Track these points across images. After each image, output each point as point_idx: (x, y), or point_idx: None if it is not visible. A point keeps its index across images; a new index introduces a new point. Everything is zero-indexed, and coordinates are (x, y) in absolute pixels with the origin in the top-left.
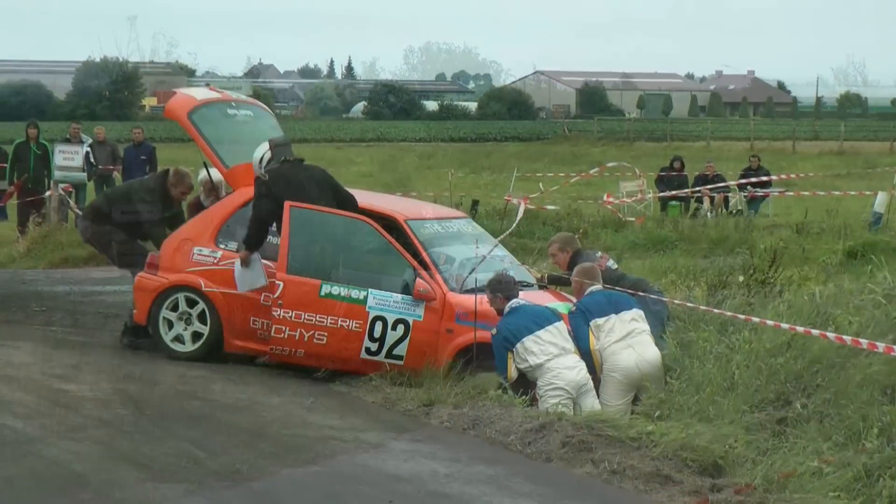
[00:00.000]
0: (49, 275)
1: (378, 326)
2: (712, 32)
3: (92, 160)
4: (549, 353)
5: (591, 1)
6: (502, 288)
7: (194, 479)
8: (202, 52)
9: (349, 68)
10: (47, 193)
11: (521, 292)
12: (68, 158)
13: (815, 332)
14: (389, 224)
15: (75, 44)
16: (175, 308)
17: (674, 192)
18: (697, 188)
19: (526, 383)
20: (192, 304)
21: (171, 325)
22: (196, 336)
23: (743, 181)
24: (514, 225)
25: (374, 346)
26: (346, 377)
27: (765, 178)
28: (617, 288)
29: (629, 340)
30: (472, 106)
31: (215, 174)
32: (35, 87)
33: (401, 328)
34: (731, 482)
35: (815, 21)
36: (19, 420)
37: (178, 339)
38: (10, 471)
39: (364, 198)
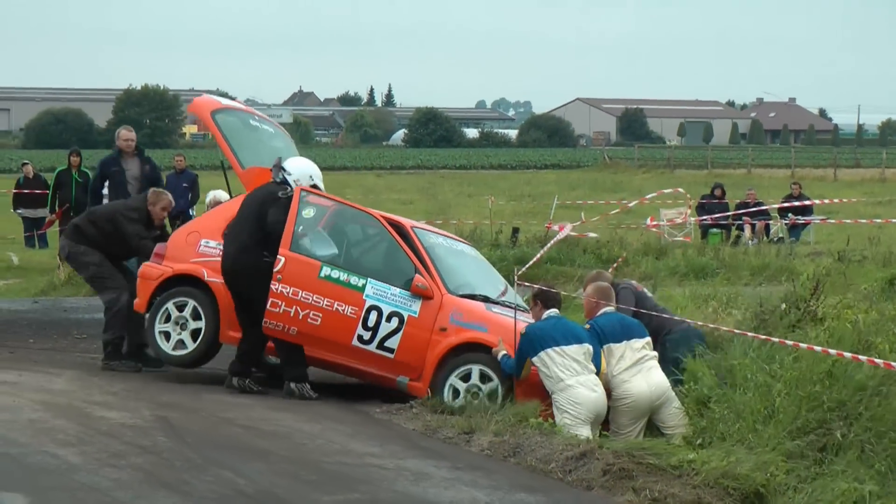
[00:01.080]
0: (89, 302)
1: (373, 315)
2: (753, 60)
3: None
4: (572, 370)
5: (632, 29)
6: (545, 297)
7: None
8: (244, 80)
9: (389, 96)
10: None
11: (507, 312)
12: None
13: (862, 357)
14: (397, 230)
15: (116, 71)
16: (168, 319)
17: (715, 219)
18: (739, 215)
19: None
20: (181, 308)
21: (168, 336)
22: (196, 334)
23: (784, 206)
24: (548, 247)
25: (366, 335)
26: (387, 405)
27: (807, 202)
28: (635, 309)
29: (639, 367)
30: (513, 133)
31: (224, 195)
32: (76, 115)
33: (395, 321)
34: None
35: (854, 48)
36: (61, 447)
37: (181, 344)
38: (51, 498)
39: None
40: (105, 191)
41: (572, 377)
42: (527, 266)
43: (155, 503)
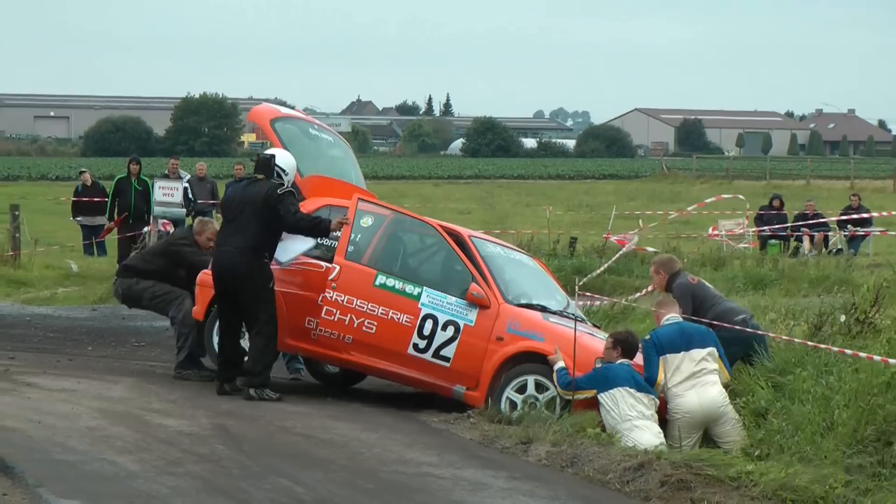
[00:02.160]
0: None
1: (428, 324)
2: (813, 71)
3: (191, 196)
4: (640, 412)
5: (691, 39)
6: (626, 345)
7: None
8: (303, 89)
9: (447, 105)
10: (146, 229)
11: (565, 322)
12: (168, 194)
13: None
14: (455, 239)
15: (174, 80)
16: None
17: (774, 230)
18: (798, 226)
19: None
20: None
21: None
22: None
23: (843, 219)
24: (613, 259)
25: (422, 344)
26: (444, 414)
27: (866, 215)
28: (697, 320)
29: (694, 381)
30: (571, 143)
31: None
32: (135, 123)
33: (451, 329)
34: None
35: None
36: (119, 455)
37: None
38: None
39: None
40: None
41: (639, 419)
42: (588, 277)
43: None
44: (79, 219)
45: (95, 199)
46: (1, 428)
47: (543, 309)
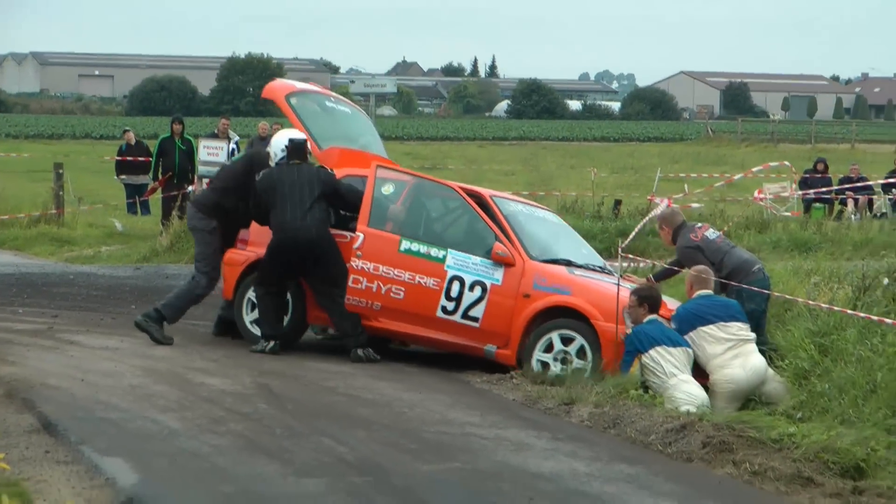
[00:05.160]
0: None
1: (455, 286)
2: (859, 35)
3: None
4: (680, 369)
5: (736, 2)
6: (651, 301)
7: (335, 473)
8: (348, 49)
9: (492, 67)
10: (190, 188)
11: (590, 274)
12: (212, 154)
13: None
14: (476, 200)
15: (220, 40)
16: (254, 307)
17: (818, 194)
18: (842, 187)
19: None
20: None
21: (253, 306)
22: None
23: (888, 183)
24: (649, 217)
25: (450, 306)
26: (487, 374)
27: None
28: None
29: (736, 350)
30: (616, 106)
31: None
32: (179, 83)
33: (478, 290)
34: (873, 485)
35: None
36: (161, 413)
37: (258, 323)
38: (151, 464)
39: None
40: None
41: (682, 374)
42: (629, 239)
43: (255, 469)
44: (123, 178)
45: (140, 159)
46: (44, 386)
47: (569, 263)
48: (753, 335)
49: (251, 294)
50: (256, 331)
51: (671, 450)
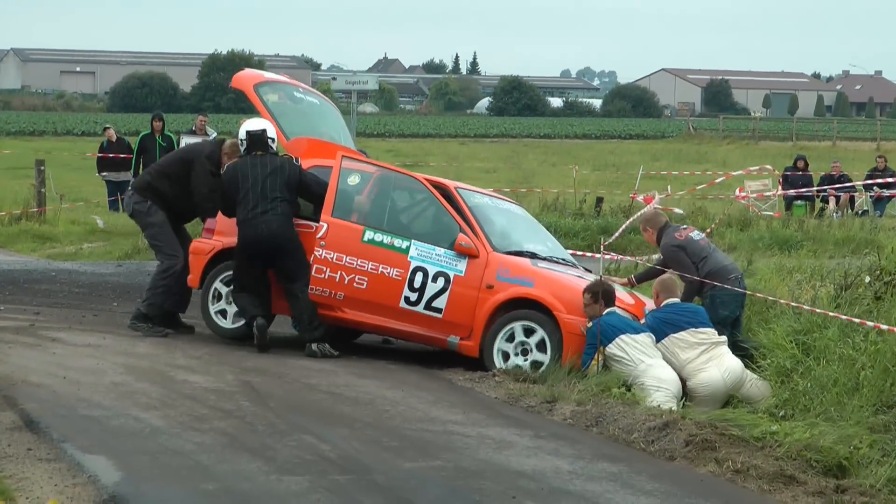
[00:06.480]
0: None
1: (419, 277)
2: (840, 32)
3: None
4: (648, 354)
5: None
6: (605, 295)
7: (318, 471)
8: (329, 46)
9: (474, 64)
10: None
11: (554, 267)
12: None
13: None
14: (441, 192)
15: (201, 37)
16: (219, 298)
17: (800, 191)
18: (823, 187)
19: None
20: (230, 284)
21: (219, 296)
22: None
23: (869, 181)
24: (633, 218)
25: (413, 296)
26: (469, 372)
27: (891, 179)
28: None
29: (709, 353)
30: (597, 103)
31: None
32: (161, 79)
33: (441, 281)
34: (856, 483)
35: None
36: (144, 410)
37: (222, 313)
38: (133, 461)
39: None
40: None
41: (651, 359)
42: (613, 238)
43: (238, 467)
44: (104, 174)
45: (121, 156)
46: (26, 383)
47: (533, 255)
48: (724, 338)
49: (218, 284)
50: (221, 321)
51: (654, 448)
